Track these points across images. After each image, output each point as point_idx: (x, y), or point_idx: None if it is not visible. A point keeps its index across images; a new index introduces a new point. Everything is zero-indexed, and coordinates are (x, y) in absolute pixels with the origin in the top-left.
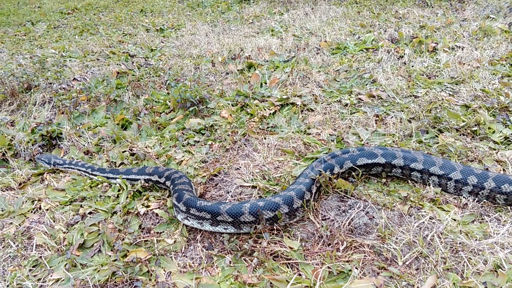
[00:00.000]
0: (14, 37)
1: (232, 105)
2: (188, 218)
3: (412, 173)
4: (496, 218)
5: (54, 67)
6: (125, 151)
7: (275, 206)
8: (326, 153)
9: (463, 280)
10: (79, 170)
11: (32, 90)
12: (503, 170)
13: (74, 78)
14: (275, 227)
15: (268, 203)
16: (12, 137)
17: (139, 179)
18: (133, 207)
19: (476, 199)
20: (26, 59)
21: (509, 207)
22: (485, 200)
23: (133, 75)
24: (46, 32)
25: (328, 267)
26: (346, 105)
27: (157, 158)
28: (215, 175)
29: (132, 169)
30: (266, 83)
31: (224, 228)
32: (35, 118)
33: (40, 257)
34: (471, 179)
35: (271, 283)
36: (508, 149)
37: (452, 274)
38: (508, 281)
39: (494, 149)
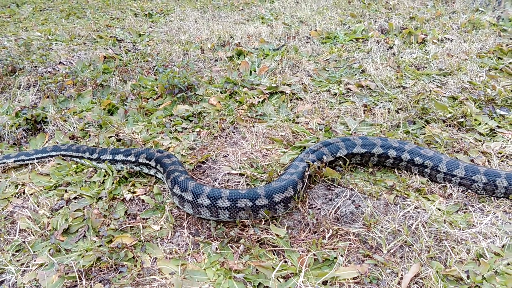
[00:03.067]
0: None
1: (221, 93)
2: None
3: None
4: (480, 209)
5: (40, 50)
6: (111, 136)
7: (218, 193)
8: (314, 142)
9: (446, 269)
10: None
11: (16, 73)
12: (488, 161)
13: (60, 62)
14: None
15: (213, 191)
16: None
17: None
18: (119, 193)
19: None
20: (10, 41)
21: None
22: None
23: (120, 60)
24: (31, 14)
25: (314, 255)
26: (335, 94)
27: (144, 144)
28: (203, 162)
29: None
30: (255, 71)
31: None
32: (19, 102)
33: (24, 241)
34: (391, 152)
35: (257, 269)
36: (493, 141)
37: (436, 263)
38: (490, 270)
39: (480, 141)
